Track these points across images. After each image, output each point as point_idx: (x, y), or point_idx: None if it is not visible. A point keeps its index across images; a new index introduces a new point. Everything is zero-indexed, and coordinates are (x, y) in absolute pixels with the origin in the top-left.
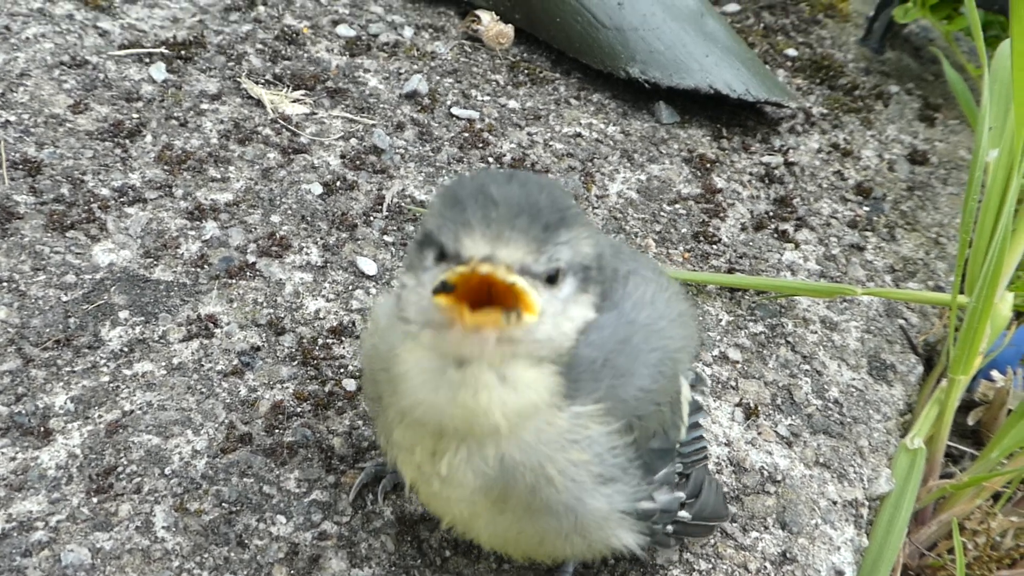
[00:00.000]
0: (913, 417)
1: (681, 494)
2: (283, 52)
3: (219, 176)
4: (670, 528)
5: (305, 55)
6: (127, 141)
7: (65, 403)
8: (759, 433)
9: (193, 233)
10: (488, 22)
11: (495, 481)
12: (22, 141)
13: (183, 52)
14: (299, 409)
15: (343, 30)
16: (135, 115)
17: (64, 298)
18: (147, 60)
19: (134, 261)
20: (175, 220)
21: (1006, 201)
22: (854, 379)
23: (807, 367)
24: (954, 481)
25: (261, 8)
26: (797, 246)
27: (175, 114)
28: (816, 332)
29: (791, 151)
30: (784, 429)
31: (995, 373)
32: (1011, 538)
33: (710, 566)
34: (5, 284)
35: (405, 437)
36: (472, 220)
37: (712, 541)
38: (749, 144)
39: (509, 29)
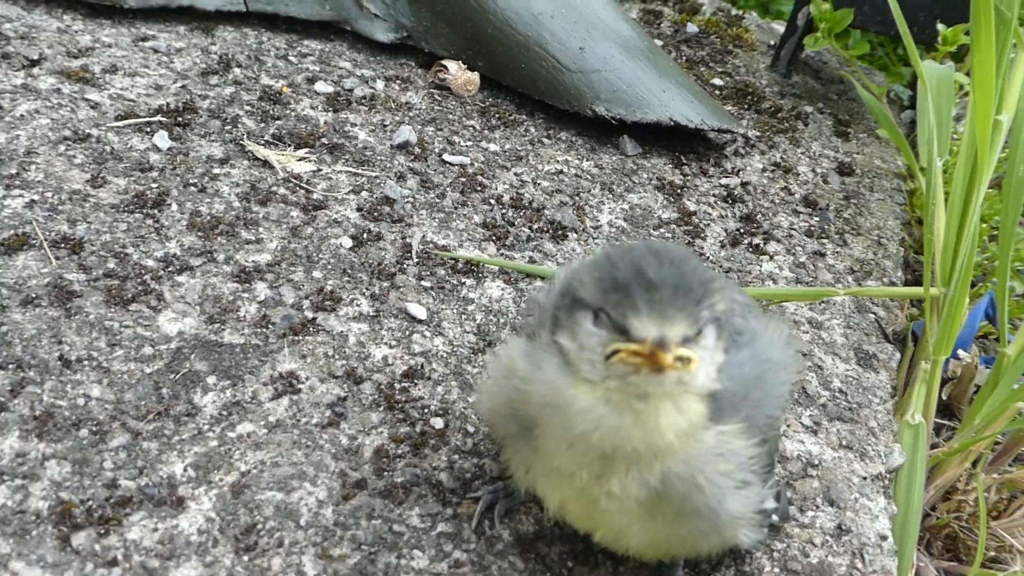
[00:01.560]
0: (903, 397)
1: (773, 499)
2: (271, 112)
3: (252, 238)
4: (766, 526)
5: (293, 113)
6: (155, 211)
7: (185, 471)
8: (788, 425)
9: (247, 295)
10: (455, 71)
11: (655, 492)
12: (52, 219)
13: (179, 119)
14: (399, 451)
15: (321, 87)
16: (153, 185)
17: (148, 370)
18: (147, 129)
19: (201, 327)
20: (226, 284)
21: (971, 205)
22: (848, 370)
23: (809, 363)
24: (946, 448)
25: (237, 70)
26: (771, 257)
27: (190, 181)
28: (807, 332)
29: (741, 172)
30: (807, 420)
31: (960, 352)
32: (994, 492)
33: (784, 545)
34: (87, 363)
35: (570, 463)
36: (640, 304)
37: (781, 532)
38: (706, 169)
39: (475, 76)
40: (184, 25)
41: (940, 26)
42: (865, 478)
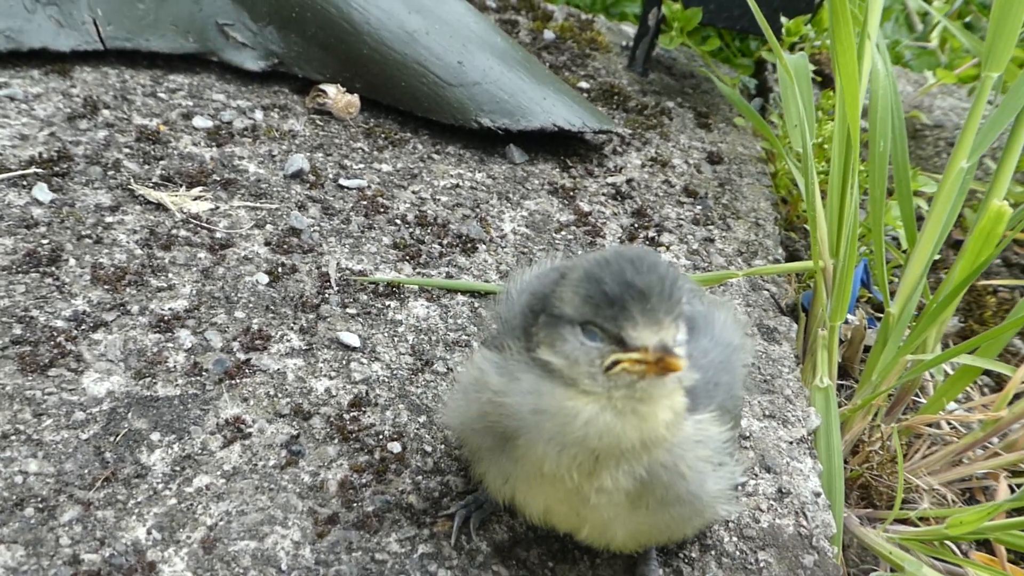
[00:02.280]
0: (804, 364)
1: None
2: (153, 152)
3: (164, 285)
4: (738, 495)
5: (175, 152)
6: (52, 268)
7: (149, 534)
8: None
9: (171, 345)
10: (335, 94)
11: (641, 483)
12: None
13: (55, 168)
14: (364, 480)
15: (199, 122)
16: (44, 241)
17: (84, 436)
18: (23, 183)
19: (130, 384)
20: (147, 336)
21: (848, 180)
22: (756, 346)
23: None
24: (850, 406)
25: (105, 112)
26: (667, 248)
27: (83, 232)
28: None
29: (623, 169)
30: None
31: (848, 316)
32: (895, 439)
33: (736, 515)
34: (14, 438)
35: (561, 465)
36: (635, 314)
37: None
38: (591, 169)
39: (355, 98)
40: (37, 69)
41: (783, 19)
42: (791, 442)
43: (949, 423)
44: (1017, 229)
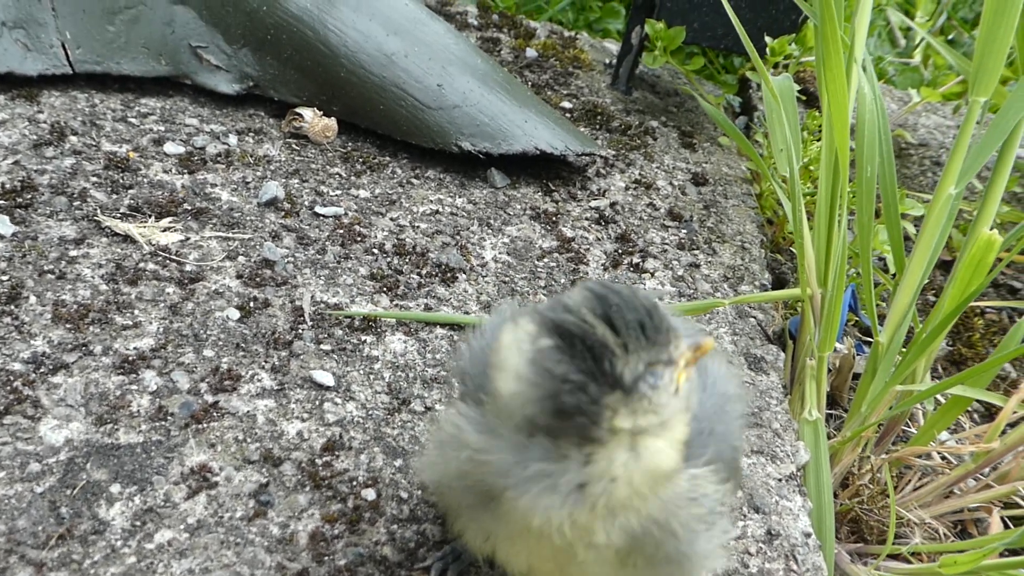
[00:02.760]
0: (792, 394)
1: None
2: (122, 181)
3: (129, 323)
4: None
5: (145, 180)
6: (11, 307)
7: None
8: None
9: (136, 388)
10: (311, 118)
11: (633, 539)
12: None
13: (18, 199)
14: (336, 531)
15: (170, 148)
16: (3, 278)
17: (38, 489)
18: None
19: (91, 431)
20: (110, 378)
21: (835, 208)
22: (743, 376)
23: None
24: (840, 438)
25: (73, 138)
26: (652, 275)
27: (45, 268)
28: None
29: (607, 192)
30: None
31: (837, 345)
32: (884, 471)
33: (724, 561)
34: None
35: (550, 523)
36: (673, 332)
37: None
38: (574, 193)
39: (333, 122)
40: (3, 94)
41: (767, 39)
42: (780, 479)
43: (940, 454)
44: (1015, 251)
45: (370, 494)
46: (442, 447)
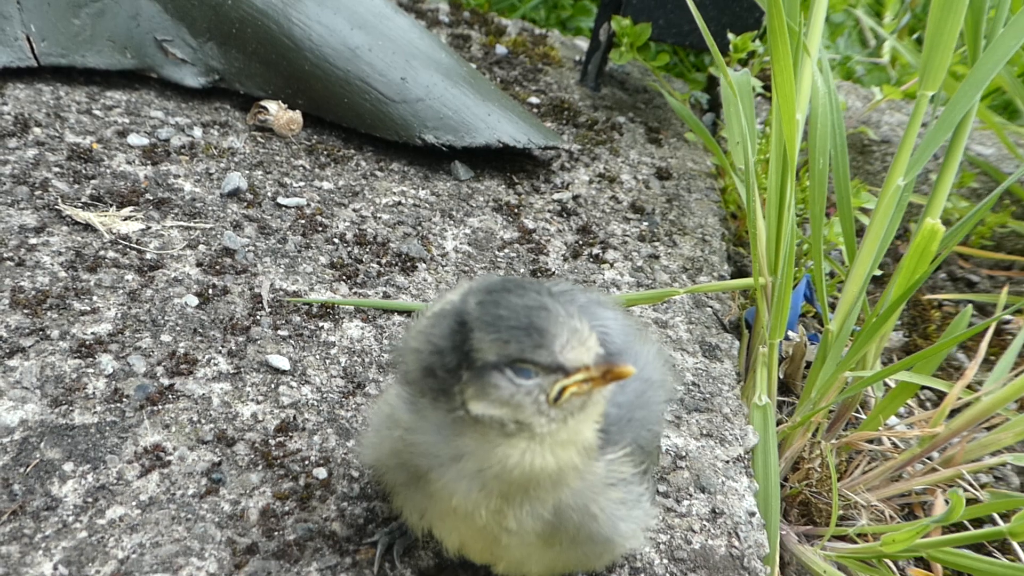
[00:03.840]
0: (746, 381)
1: (652, 505)
2: (84, 171)
3: (88, 308)
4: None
5: (108, 171)
6: None
7: (56, 569)
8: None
9: (92, 371)
10: (276, 111)
11: (550, 524)
12: None
13: None
14: (286, 508)
15: (134, 140)
16: None
17: None
18: None
19: (45, 412)
20: (66, 362)
21: (785, 199)
22: (697, 363)
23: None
24: (790, 423)
25: (37, 130)
26: (611, 265)
27: (5, 255)
28: (656, 332)
29: (571, 186)
30: (669, 415)
31: (790, 333)
32: (835, 456)
33: (668, 536)
34: None
35: (467, 503)
36: (563, 337)
37: (662, 516)
38: (538, 186)
39: (298, 115)
40: None
41: (730, 35)
42: (728, 461)
43: (891, 439)
44: (956, 239)
45: (322, 473)
46: (378, 427)
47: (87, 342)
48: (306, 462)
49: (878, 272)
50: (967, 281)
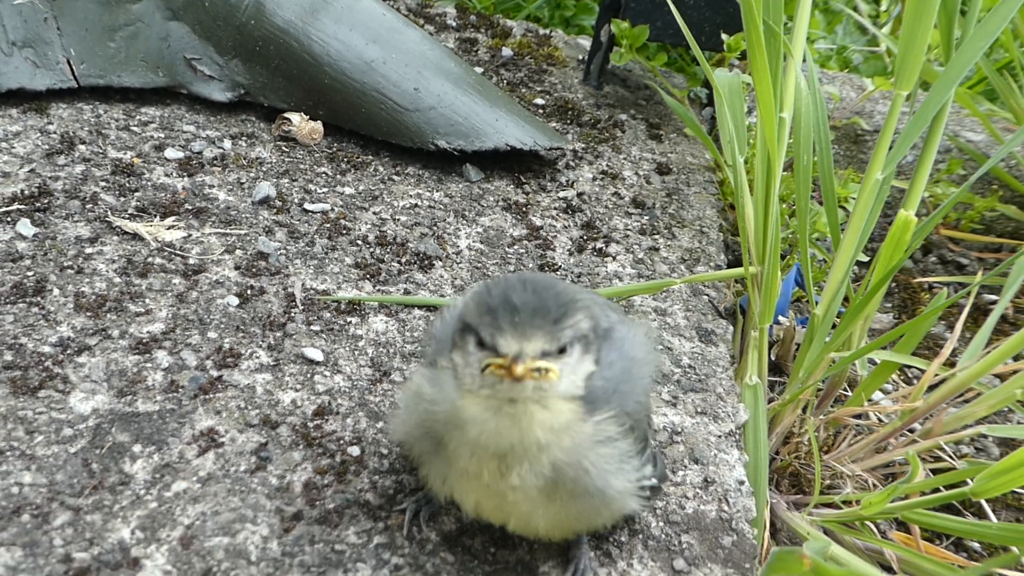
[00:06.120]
0: (740, 363)
1: (651, 467)
2: (128, 185)
3: (142, 310)
4: (647, 492)
5: (149, 183)
6: (38, 299)
7: (133, 533)
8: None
9: (150, 365)
10: (299, 122)
11: (550, 480)
12: None
13: (37, 204)
14: (326, 481)
15: (170, 153)
16: (29, 273)
17: (72, 449)
18: (7, 220)
19: (113, 402)
20: (127, 358)
21: (771, 192)
22: (693, 348)
23: (661, 347)
24: (780, 401)
25: (82, 147)
26: (614, 258)
27: (65, 264)
28: (655, 320)
29: (575, 183)
30: (667, 395)
31: (781, 318)
32: (823, 431)
33: (664, 503)
34: (9, 453)
35: (472, 464)
36: (504, 325)
37: (661, 492)
38: (544, 185)
39: (319, 125)
40: (15, 108)
41: (724, 35)
42: (720, 436)
43: (876, 414)
44: (931, 227)
45: (355, 451)
46: (406, 404)
47: (144, 340)
48: (341, 441)
49: (866, 258)
50: (957, 264)
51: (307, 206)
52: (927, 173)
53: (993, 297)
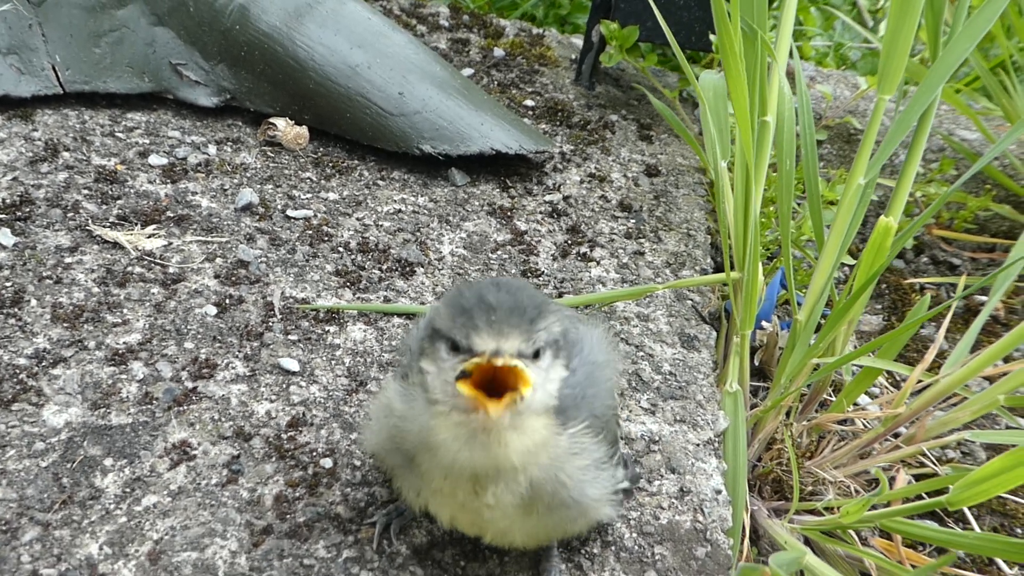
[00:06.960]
0: (722, 369)
1: (623, 470)
2: (110, 192)
3: (119, 320)
4: (620, 495)
5: (132, 191)
6: (15, 309)
7: (101, 549)
8: (630, 411)
9: (125, 377)
10: (284, 127)
11: (527, 496)
12: None
13: (18, 213)
14: (297, 494)
15: (154, 159)
16: (7, 283)
17: (43, 463)
18: None
19: (87, 415)
20: (103, 369)
21: (750, 199)
22: (675, 354)
23: (642, 354)
24: (762, 407)
25: (65, 154)
26: (598, 263)
27: (44, 274)
28: (637, 326)
29: (562, 187)
30: (646, 403)
31: (764, 323)
32: (806, 436)
33: (638, 513)
34: None
35: (446, 486)
36: (479, 323)
37: (634, 495)
38: (530, 188)
39: (304, 130)
40: (0, 115)
41: (712, 36)
42: (698, 444)
43: (860, 420)
44: (914, 229)
45: (328, 463)
46: (377, 416)
47: (120, 351)
48: (314, 453)
49: (853, 261)
50: (949, 264)
51: (290, 212)
52: (912, 176)
53: (984, 298)
